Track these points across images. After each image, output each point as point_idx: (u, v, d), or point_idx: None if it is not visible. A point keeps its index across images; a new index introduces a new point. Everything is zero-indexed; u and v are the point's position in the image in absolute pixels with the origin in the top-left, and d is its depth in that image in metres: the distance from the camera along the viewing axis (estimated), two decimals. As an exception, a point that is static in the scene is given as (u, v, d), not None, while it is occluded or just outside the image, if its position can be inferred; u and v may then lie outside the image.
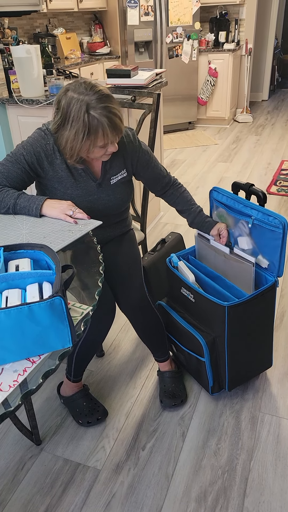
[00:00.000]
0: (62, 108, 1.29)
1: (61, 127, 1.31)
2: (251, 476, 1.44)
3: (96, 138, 1.29)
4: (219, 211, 1.71)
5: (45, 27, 4.24)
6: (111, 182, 1.51)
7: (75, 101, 1.26)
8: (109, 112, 1.27)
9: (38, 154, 1.40)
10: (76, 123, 1.27)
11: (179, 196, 1.66)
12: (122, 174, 1.53)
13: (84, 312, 0.97)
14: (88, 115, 1.26)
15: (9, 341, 0.81)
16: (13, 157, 1.40)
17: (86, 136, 1.28)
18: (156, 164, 1.60)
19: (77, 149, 1.32)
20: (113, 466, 1.49)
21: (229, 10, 5.42)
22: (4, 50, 2.70)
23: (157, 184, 1.63)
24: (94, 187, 1.48)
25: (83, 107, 1.25)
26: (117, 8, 4.48)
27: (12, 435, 1.61)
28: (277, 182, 3.77)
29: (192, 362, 1.71)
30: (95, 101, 1.26)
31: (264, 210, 1.49)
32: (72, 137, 1.29)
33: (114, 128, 1.29)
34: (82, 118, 1.26)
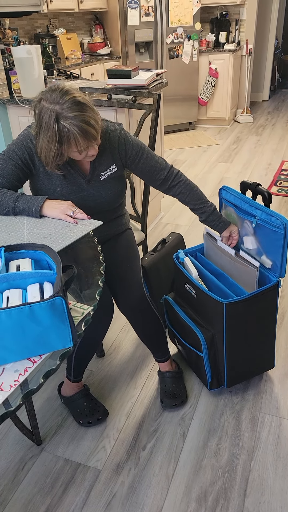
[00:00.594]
0: (36, 116, 1.30)
1: (38, 135, 1.32)
2: (252, 476, 1.44)
3: (69, 146, 1.30)
4: (228, 209, 1.71)
5: (45, 28, 4.24)
6: (100, 178, 1.50)
7: (45, 110, 1.27)
8: (81, 121, 1.26)
9: (29, 149, 1.41)
10: (47, 132, 1.28)
11: (189, 195, 1.61)
12: (111, 170, 1.51)
13: (85, 312, 0.98)
14: (58, 125, 1.26)
15: (10, 341, 0.81)
16: (5, 154, 1.42)
17: (57, 144, 1.29)
18: (149, 156, 1.54)
19: (51, 157, 1.32)
20: (114, 466, 1.49)
21: (230, 11, 5.42)
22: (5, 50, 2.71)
23: (155, 177, 1.57)
24: (83, 184, 1.48)
25: (52, 116, 1.26)
26: (117, 9, 4.48)
27: (12, 435, 1.61)
28: (277, 183, 3.77)
29: (192, 357, 1.73)
30: (66, 110, 1.26)
31: (268, 210, 1.50)
32: (45, 145, 1.30)
33: (85, 136, 1.29)
34: (52, 128, 1.26)
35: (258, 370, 1.75)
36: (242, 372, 1.70)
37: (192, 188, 1.61)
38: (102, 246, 1.61)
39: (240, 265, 1.67)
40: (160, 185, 1.60)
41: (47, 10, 3.67)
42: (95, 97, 2.27)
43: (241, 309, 1.52)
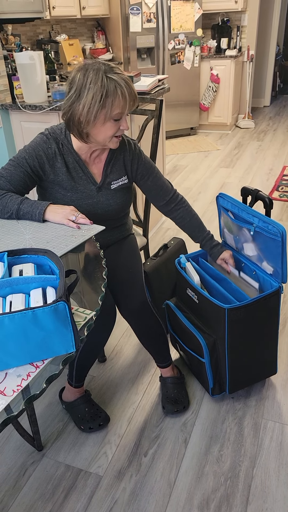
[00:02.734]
0: (78, 80, 1.29)
1: (76, 99, 1.30)
2: (254, 483, 1.43)
3: (115, 101, 1.29)
4: (225, 217, 1.71)
5: (48, 34, 4.27)
6: (111, 187, 1.51)
7: (91, 69, 1.28)
8: (125, 77, 1.30)
9: (40, 157, 1.41)
10: (94, 85, 1.27)
11: (189, 221, 1.65)
12: (123, 180, 1.54)
13: (88, 317, 0.97)
14: (107, 78, 1.27)
15: (13, 346, 0.81)
16: (15, 161, 1.42)
17: (104, 97, 1.27)
18: (158, 176, 1.59)
19: (92, 117, 1.30)
20: (115, 473, 1.48)
21: (231, 17, 5.45)
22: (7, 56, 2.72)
23: (160, 197, 1.61)
24: (94, 191, 1.49)
25: (100, 71, 1.28)
26: (119, 15, 4.51)
27: (13, 440, 1.60)
28: (279, 188, 3.77)
29: (193, 363, 1.72)
30: (110, 69, 1.30)
31: (265, 218, 1.50)
32: (89, 101, 1.28)
33: (130, 92, 1.31)
34: (100, 79, 1.27)
35: (260, 376, 1.74)
36: (244, 378, 1.69)
37: (193, 216, 1.66)
38: (104, 251, 1.62)
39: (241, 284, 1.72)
40: (164, 205, 1.64)
41: (50, 17, 3.69)
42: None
43: (243, 315, 1.51)
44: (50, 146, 1.42)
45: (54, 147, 1.42)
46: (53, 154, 1.42)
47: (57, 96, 2.50)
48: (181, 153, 4.86)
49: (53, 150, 1.42)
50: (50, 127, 1.47)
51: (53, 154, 1.42)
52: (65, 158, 1.44)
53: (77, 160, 1.45)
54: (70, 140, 1.44)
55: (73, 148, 1.44)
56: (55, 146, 1.42)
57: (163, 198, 1.62)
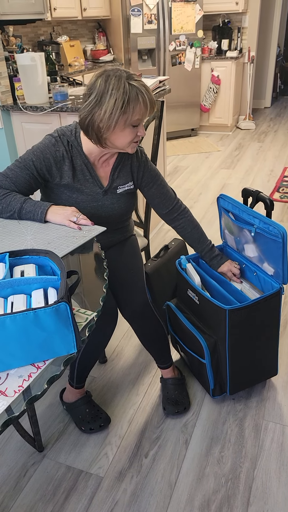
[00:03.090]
0: (98, 85, 1.30)
1: (97, 104, 1.30)
2: (255, 484, 1.43)
3: (136, 107, 1.30)
4: (226, 219, 1.71)
5: (49, 35, 4.28)
6: (117, 191, 1.52)
7: (113, 76, 1.29)
8: (145, 85, 1.32)
9: (48, 160, 1.41)
10: (116, 91, 1.27)
11: (190, 231, 1.66)
12: (129, 186, 1.55)
13: (89, 318, 0.97)
14: (129, 84, 1.29)
15: (14, 347, 0.81)
16: (22, 162, 1.41)
17: (126, 104, 1.28)
18: (162, 184, 1.60)
19: (113, 123, 1.30)
20: (116, 474, 1.48)
21: (232, 19, 5.46)
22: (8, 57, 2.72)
23: (163, 205, 1.62)
24: (100, 194, 1.49)
25: (122, 78, 1.29)
26: (120, 16, 4.52)
27: (14, 441, 1.60)
28: (280, 189, 3.77)
29: (194, 364, 1.72)
30: (131, 76, 1.31)
31: (265, 219, 1.50)
32: (111, 106, 1.28)
33: (151, 98, 1.32)
34: (123, 85, 1.28)
35: (261, 377, 1.74)
36: (245, 379, 1.69)
37: (195, 226, 1.67)
38: (106, 252, 1.62)
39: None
40: (167, 214, 1.64)
41: (51, 18, 3.70)
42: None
43: (244, 316, 1.51)
44: (58, 149, 1.42)
45: (62, 150, 1.42)
46: (61, 157, 1.42)
47: (58, 97, 2.50)
48: (182, 154, 4.87)
49: (61, 153, 1.42)
50: (60, 128, 1.46)
51: (61, 157, 1.42)
52: (73, 160, 1.44)
53: (85, 163, 1.45)
54: (80, 142, 1.44)
55: (82, 150, 1.44)
56: (63, 149, 1.42)
57: (166, 207, 1.63)
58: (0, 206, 1.37)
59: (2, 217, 1.39)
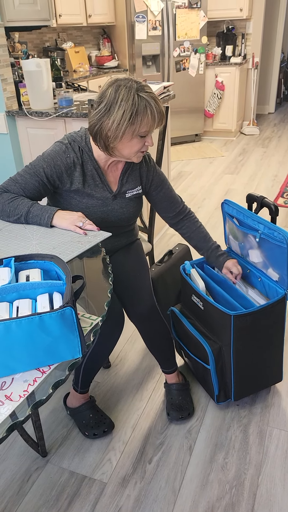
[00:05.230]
0: (109, 95, 1.31)
1: (106, 114, 1.31)
2: (259, 491, 1.42)
3: (143, 119, 1.30)
4: (230, 224, 1.71)
5: (54, 41, 4.31)
6: (126, 195, 1.53)
7: (123, 87, 1.30)
8: (155, 97, 1.32)
9: (58, 168, 1.42)
10: (125, 102, 1.28)
11: (194, 231, 1.66)
12: (137, 190, 1.56)
13: (94, 323, 0.97)
14: (138, 96, 1.29)
15: (20, 351, 0.81)
16: (32, 169, 1.42)
17: (134, 115, 1.29)
18: (169, 188, 1.62)
19: (120, 134, 1.31)
20: (119, 480, 1.48)
21: (236, 25, 5.48)
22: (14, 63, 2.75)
23: (170, 208, 1.64)
24: (109, 199, 1.51)
25: (132, 89, 1.29)
26: (125, 23, 4.55)
27: (18, 446, 1.60)
28: (284, 194, 3.77)
29: (199, 369, 1.71)
30: (141, 87, 1.31)
31: (270, 225, 1.50)
32: (119, 118, 1.29)
33: (159, 110, 1.33)
34: (132, 97, 1.28)
35: (266, 383, 1.73)
36: (250, 385, 1.68)
37: (199, 227, 1.68)
38: (111, 257, 1.62)
39: None
40: (173, 217, 1.66)
41: (56, 25, 3.73)
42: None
43: (249, 322, 1.51)
44: (69, 156, 1.42)
45: (73, 156, 1.43)
46: (72, 163, 1.43)
47: (63, 103, 2.52)
48: (186, 159, 4.88)
49: (72, 160, 1.43)
50: (69, 135, 1.47)
51: (72, 163, 1.43)
52: (84, 166, 1.45)
53: (95, 168, 1.46)
54: (90, 148, 1.45)
55: (93, 155, 1.45)
56: (74, 155, 1.43)
57: (173, 210, 1.64)
58: (7, 209, 1.38)
59: (9, 220, 1.40)
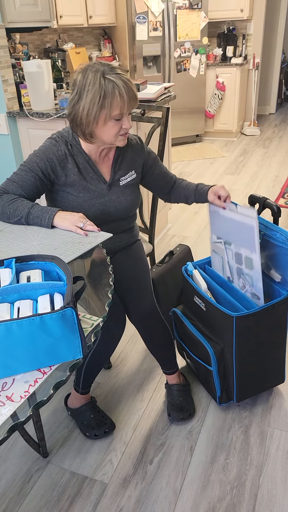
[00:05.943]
0: (78, 82, 1.32)
1: (77, 101, 1.33)
2: (261, 492, 1.42)
3: (113, 101, 1.30)
4: None
5: (55, 42, 4.32)
6: (120, 183, 1.54)
7: (90, 70, 1.31)
8: (124, 78, 1.32)
9: (51, 160, 1.43)
10: (92, 87, 1.29)
11: (179, 187, 1.68)
12: (131, 176, 1.56)
13: (95, 324, 0.98)
14: (104, 79, 1.30)
15: (21, 352, 0.81)
16: (26, 165, 1.43)
17: (102, 99, 1.29)
18: (161, 164, 1.67)
19: (92, 118, 1.32)
20: (121, 480, 1.48)
21: (237, 26, 5.48)
22: (15, 64, 2.75)
23: (166, 184, 1.67)
24: (105, 189, 1.51)
25: (98, 72, 1.30)
26: (126, 24, 4.55)
27: (19, 447, 1.60)
28: (285, 195, 3.77)
29: (201, 371, 1.71)
30: (109, 70, 1.32)
31: (272, 226, 1.49)
32: (88, 103, 1.31)
33: (129, 91, 1.32)
34: (98, 81, 1.29)
35: (268, 384, 1.73)
36: (252, 387, 1.68)
37: (181, 182, 1.70)
38: (112, 258, 1.62)
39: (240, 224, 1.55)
40: (168, 191, 1.70)
41: (57, 26, 3.73)
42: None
43: (251, 323, 1.51)
44: (60, 148, 1.44)
45: (63, 149, 1.45)
46: (64, 155, 1.44)
47: (64, 103, 2.52)
48: (187, 160, 4.88)
49: (63, 152, 1.44)
50: (57, 132, 1.49)
51: (64, 155, 1.44)
52: (75, 158, 1.46)
53: (87, 160, 1.48)
54: (78, 141, 1.47)
55: (82, 149, 1.47)
56: (64, 148, 1.45)
57: (168, 184, 1.68)
58: (7, 211, 1.38)
59: (9, 222, 1.40)
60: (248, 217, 1.49)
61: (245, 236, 1.52)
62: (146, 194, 2.63)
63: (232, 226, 1.57)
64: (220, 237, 1.68)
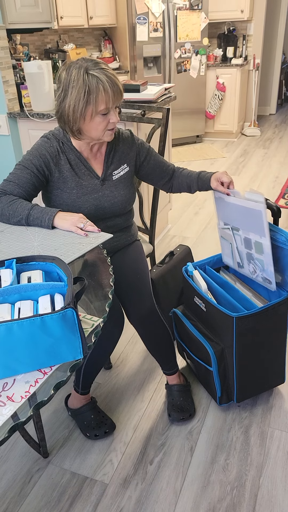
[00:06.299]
0: (63, 79, 1.34)
1: (63, 99, 1.35)
2: (261, 492, 1.42)
3: (97, 97, 1.32)
4: None
5: (55, 43, 4.32)
6: (113, 177, 1.55)
7: (74, 67, 1.33)
8: (108, 72, 1.33)
9: (44, 157, 1.46)
10: (76, 83, 1.31)
11: (180, 176, 1.68)
12: (123, 169, 1.57)
13: (95, 324, 0.98)
14: (87, 75, 1.31)
15: (22, 352, 0.82)
16: (21, 164, 1.46)
17: (87, 95, 1.31)
18: (156, 153, 1.66)
19: (79, 114, 1.34)
20: (121, 480, 1.48)
21: (237, 26, 5.49)
22: (16, 65, 2.75)
23: (164, 173, 1.67)
24: (98, 185, 1.52)
25: (82, 69, 1.31)
26: (126, 25, 4.55)
27: (19, 447, 1.60)
28: (285, 195, 3.77)
29: (201, 371, 1.72)
30: (93, 65, 1.33)
31: (273, 227, 1.50)
32: (74, 99, 1.32)
33: (113, 85, 1.33)
34: (82, 77, 1.30)
35: (268, 385, 1.73)
36: (252, 387, 1.68)
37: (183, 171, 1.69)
38: (111, 258, 1.62)
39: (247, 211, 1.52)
40: (168, 180, 1.69)
41: (58, 26, 3.74)
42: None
43: (251, 323, 1.51)
44: (52, 145, 1.47)
45: (56, 145, 1.48)
46: (56, 152, 1.47)
47: (64, 104, 2.52)
48: (187, 160, 4.88)
49: (56, 149, 1.47)
50: (49, 131, 1.53)
51: (56, 152, 1.47)
52: (67, 155, 1.49)
53: (78, 157, 1.50)
54: (69, 139, 1.49)
55: (72, 145, 1.49)
56: (56, 145, 1.48)
57: (167, 173, 1.68)
58: (7, 212, 1.39)
59: (10, 223, 1.40)
60: (256, 202, 1.48)
61: (253, 222, 1.51)
62: (147, 194, 2.63)
63: (239, 212, 1.56)
64: (227, 223, 1.67)
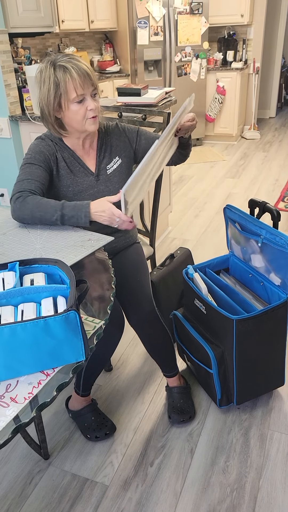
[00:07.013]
0: (36, 78, 1.39)
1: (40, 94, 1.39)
2: (260, 494, 1.43)
3: (66, 85, 1.34)
4: (232, 229, 1.73)
5: (57, 47, 4.34)
6: (107, 172, 1.56)
7: (43, 64, 1.37)
8: (74, 60, 1.36)
9: (43, 154, 1.49)
10: (46, 78, 1.35)
11: None
12: (116, 162, 1.59)
13: (97, 326, 0.99)
14: (54, 67, 1.35)
15: (25, 354, 0.83)
16: (26, 162, 1.47)
17: (56, 86, 1.34)
18: (145, 132, 1.66)
19: (52, 107, 1.37)
20: (121, 482, 1.48)
21: (237, 30, 5.52)
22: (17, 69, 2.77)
23: None
24: (93, 181, 1.54)
25: (49, 63, 1.36)
26: (127, 28, 4.58)
27: (20, 449, 1.61)
28: (285, 198, 3.79)
29: (201, 373, 1.72)
30: (62, 57, 1.37)
31: (272, 230, 1.51)
32: (46, 93, 1.36)
33: (79, 69, 1.35)
34: (49, 70, 1.35)
35: (268, 387, 1.74)
36: (252, 389, 1.69)
37: None
38: (112, 260, 1.63)
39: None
40: None
41: (59, 30, 3.76)
42: (106, 115, 2.31)
43: (251, 326, 1.52)
44: (48, 144, 1.51)
45: (51, 144, 1.51)
46: (52, 150, 1.51)
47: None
48: (187, 163, 4.90)
49: (52, 147, 1.51)
50: (42, 133, 1.57)
51: (52, 150, 1.51)
52: (61, 154, 1.52)
53: (72, 154, 1.53)
54: (61, 138, 1.52)
55: (65, 144, 1.52)
56: (51, 143, 1.51)
57: None
58: (38, 214, 1.35)
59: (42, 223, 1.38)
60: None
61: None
62: (147, 197, 2.64)
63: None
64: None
